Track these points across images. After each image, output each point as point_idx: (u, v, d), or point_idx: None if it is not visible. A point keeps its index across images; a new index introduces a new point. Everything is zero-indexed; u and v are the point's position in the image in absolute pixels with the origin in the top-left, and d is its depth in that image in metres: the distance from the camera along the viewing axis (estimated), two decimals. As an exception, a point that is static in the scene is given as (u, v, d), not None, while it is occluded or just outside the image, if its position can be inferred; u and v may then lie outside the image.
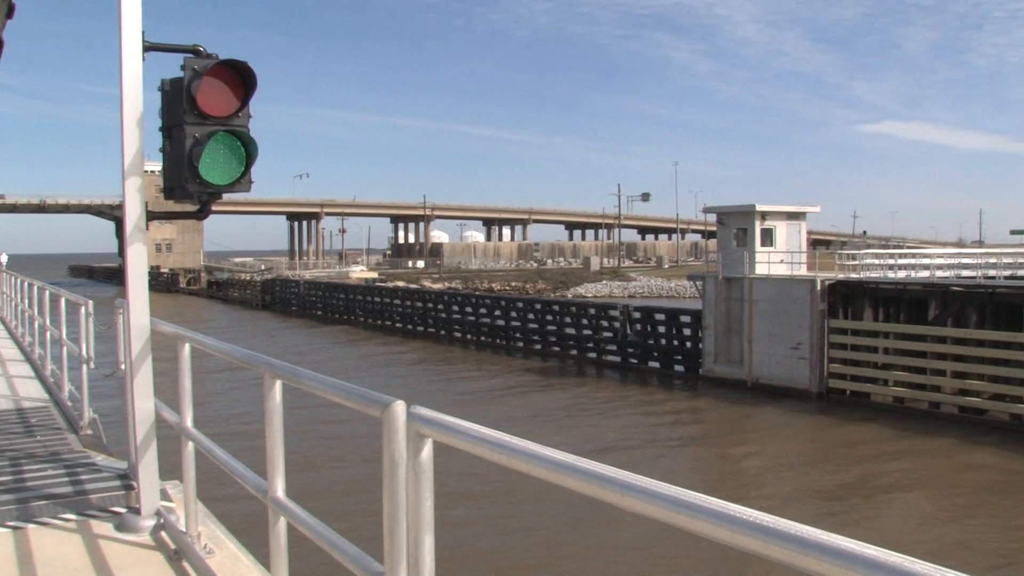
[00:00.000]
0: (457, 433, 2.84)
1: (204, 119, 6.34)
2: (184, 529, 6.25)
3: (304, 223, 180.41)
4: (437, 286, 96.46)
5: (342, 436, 28.20)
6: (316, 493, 21.43)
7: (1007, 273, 38.69)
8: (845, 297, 37.05)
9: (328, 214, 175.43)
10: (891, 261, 42.55)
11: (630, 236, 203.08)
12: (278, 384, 4.44)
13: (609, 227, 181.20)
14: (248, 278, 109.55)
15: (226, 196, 6.92)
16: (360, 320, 72.79)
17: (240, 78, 6.46)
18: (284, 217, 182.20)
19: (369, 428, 3.28)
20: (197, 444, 5.96)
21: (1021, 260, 43.42)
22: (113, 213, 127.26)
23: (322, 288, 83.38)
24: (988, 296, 33.09)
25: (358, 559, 3.51)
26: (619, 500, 2.17)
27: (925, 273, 39.60)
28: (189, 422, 6.12)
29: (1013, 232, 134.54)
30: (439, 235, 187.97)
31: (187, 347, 6.10)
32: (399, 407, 3.14)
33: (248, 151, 6.53)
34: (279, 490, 4.45)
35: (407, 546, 3.11)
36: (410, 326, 66.16)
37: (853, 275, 39.36)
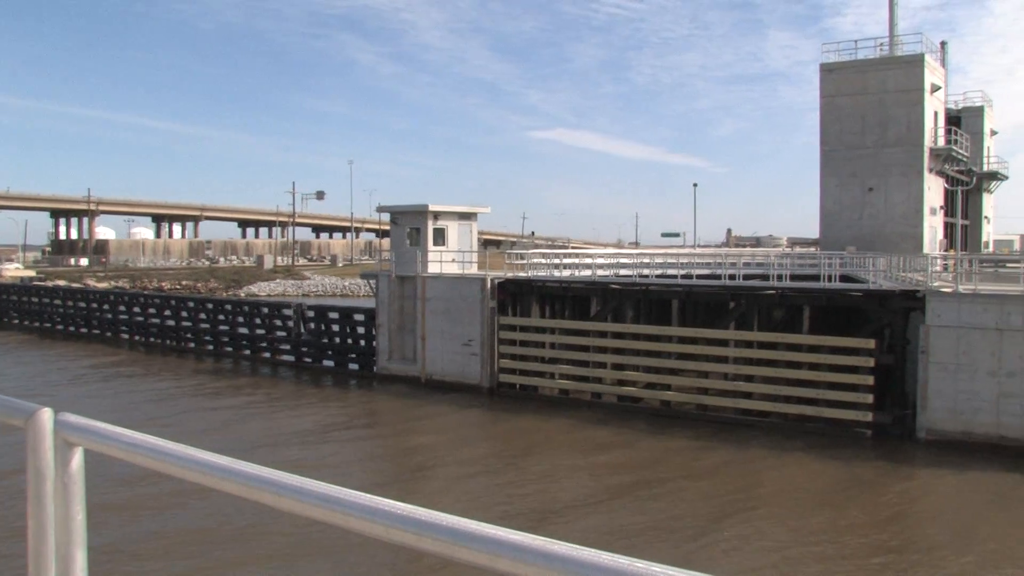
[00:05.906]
0: (110, 440, 2.66)
1: None
2: None
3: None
4: (102, 285, 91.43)
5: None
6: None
7: (658, 272, 41.78)
8: (514, 295, 38.63)
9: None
10: (557, 260, 44.73)
11: (305, 234, 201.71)
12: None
13: (283, 225, 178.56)
14: None
15: None
16: (16, 323, 67.54)
17: None
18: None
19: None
20: None
21: (671, 260, 47.09)
22: None
23: (-32, 289, 76.08)
24: (642, 293, 35.73)
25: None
26: (274, 501, 2.11)
27: (588, 272, 41.93)
28: None
29: (664, 234, 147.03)
30: (105, 231, 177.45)
31: None
32: (45, 415, 2.88)
33: None
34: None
35: (55, 565, 2.87)
36: (73, 328, 62.09)
37: (521, 274, 41.07)
